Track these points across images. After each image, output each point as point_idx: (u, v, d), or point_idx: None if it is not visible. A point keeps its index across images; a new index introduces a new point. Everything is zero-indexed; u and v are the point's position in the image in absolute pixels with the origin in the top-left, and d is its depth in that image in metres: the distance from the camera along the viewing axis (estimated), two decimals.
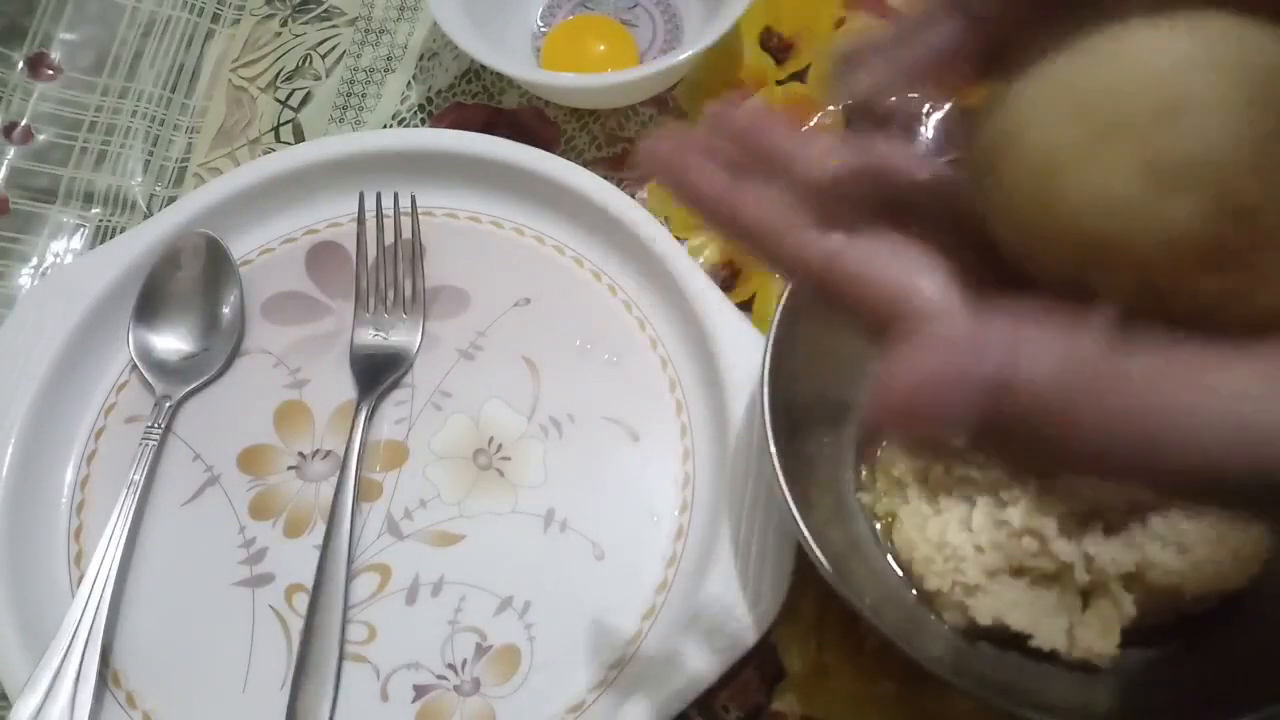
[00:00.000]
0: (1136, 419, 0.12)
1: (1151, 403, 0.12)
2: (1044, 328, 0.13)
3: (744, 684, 0.36)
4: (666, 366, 0.40)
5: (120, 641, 0.37)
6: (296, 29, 0.50)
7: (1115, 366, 0.12)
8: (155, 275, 0.42)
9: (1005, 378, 0.12)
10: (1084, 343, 0.12)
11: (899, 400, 0.13)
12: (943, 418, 0.13)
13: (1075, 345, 0.12)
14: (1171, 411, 0.12)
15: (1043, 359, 0.12)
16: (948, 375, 0.12)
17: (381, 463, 0.39)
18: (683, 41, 0.47)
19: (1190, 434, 0.12)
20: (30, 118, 0.47)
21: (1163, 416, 0.12)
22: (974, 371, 0.12)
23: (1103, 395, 0.12)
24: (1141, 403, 0.12)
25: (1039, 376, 0.12)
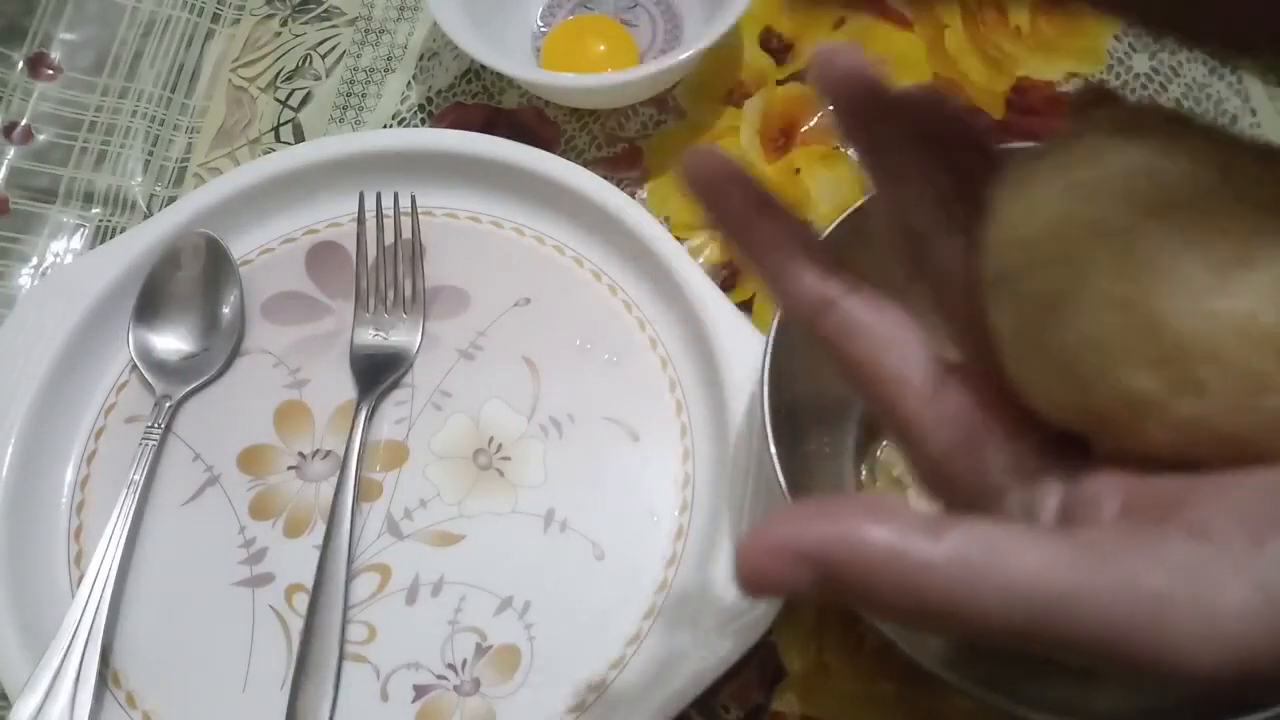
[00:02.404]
0: (941, 590, 0.14)
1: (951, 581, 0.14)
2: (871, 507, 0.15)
3: (744, 684, 0.36)
4: (666, 366, 0.40)
5: (120, 641, 0.37)
6: (296, 29, 0.50)
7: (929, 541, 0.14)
8: (155, 275, 0.42)
9: (829, 556, 0.15)
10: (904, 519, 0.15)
11: (747, 568, 0.15)
12: (782, 584, 0.15)
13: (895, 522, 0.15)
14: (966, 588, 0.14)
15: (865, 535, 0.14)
16: (784, 553, 0.15)
17: (381, 463, 0.39)
18: (683, 41, 0.47)
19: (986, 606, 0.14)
20: (30, 118, 0.47)
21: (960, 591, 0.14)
22: (806, 550, 0.15)
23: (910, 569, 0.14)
24: (941, 580, 0.14)
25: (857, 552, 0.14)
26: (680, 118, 0.46)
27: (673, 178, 0.45)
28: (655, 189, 0.45)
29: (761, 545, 0.15)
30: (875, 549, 0.14)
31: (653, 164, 0.45)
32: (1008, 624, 0.14)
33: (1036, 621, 0.14)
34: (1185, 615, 0.14)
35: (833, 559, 0.15)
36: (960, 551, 0.14)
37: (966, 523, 0.15)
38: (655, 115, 0.46)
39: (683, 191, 0.19)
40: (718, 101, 0.47)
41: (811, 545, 0.15)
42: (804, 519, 0.15)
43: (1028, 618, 0.14)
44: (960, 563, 0.14)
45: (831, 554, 0.15)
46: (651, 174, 0.45)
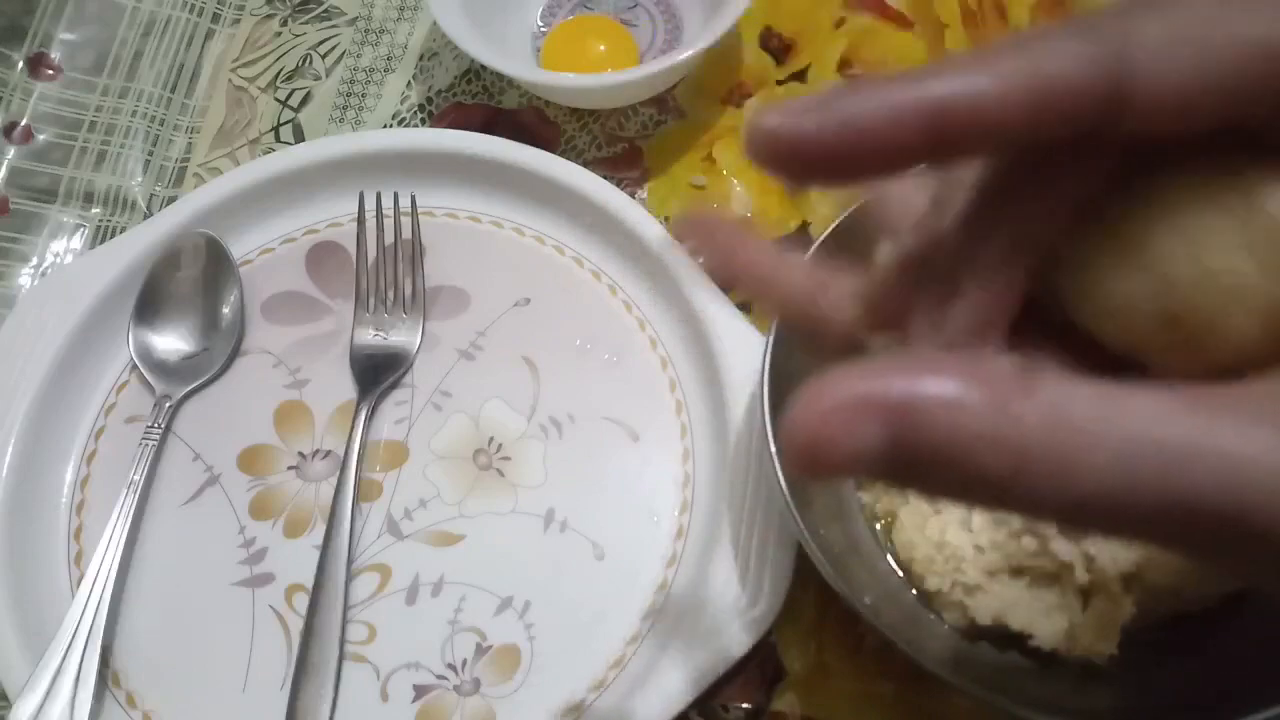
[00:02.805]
0: (1043, 442, 0.12)
1: (1061, 425, 0.12)
2: (949, 361, 0.13)
3: (744, 684, 0.36)
4: (666, 366, 0.40)
5: (120, 641, 0.37)
6: (296, 29, 0.50)
7: (1021, 394, 0.12)
8: (155, 275, 0.42)
9: (907, 405, 0.12)
10: (990, 372, 0.12)
11: (803, 437, 0.13)
12: (848, 451, 0.12)
13: (980, 374, 0.12)
14: (1082, 433, 0.12)
15: (946, 387, 0.12)
16: (850, 406, 0.12)
17: (381, 463, 0.39)
18: (683, 41, 0.47)
19: (1101, 459, 0.12)
20: (30, 118, 0.47)
21: (1072, 439, 0.12)
22: (876, 400, 0.12)
23: (1006, 422, 0.12)
24: (1049, 425, 0.12)
25: (941, 403, 0.12)
26: (680, 118, 0.46)
27: (673, 178, 0.45)
28: (655, 189, 0.45)
29: (822, 401, 0.12)
30: (965, 401, 0.12)
31: (653, 164, 0.45)
32: (1123, 484, 0.12)
33: (1157, 480, 0.12)
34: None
35: (914, 414, 0.12)
36: (1062, 402, 0.12)
37: (1061, 375, 0.13)
38: (655, 115, 0.46)
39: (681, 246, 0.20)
40: (718, 102, 0.47)
41: (890, 399, 0.12)
42: (874, 372, 0.12)
43: (1146, 474, 0.12)
44: (1065, 414, 0.12)
45: (912, 408, 0.12)
46: (651, 174, 0.45)
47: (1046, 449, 0.12)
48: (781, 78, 0.47)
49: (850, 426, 0.12)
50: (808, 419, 0.12)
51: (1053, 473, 0.12)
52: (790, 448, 0.13)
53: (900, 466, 0.13)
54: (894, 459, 0.12)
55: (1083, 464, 0.12)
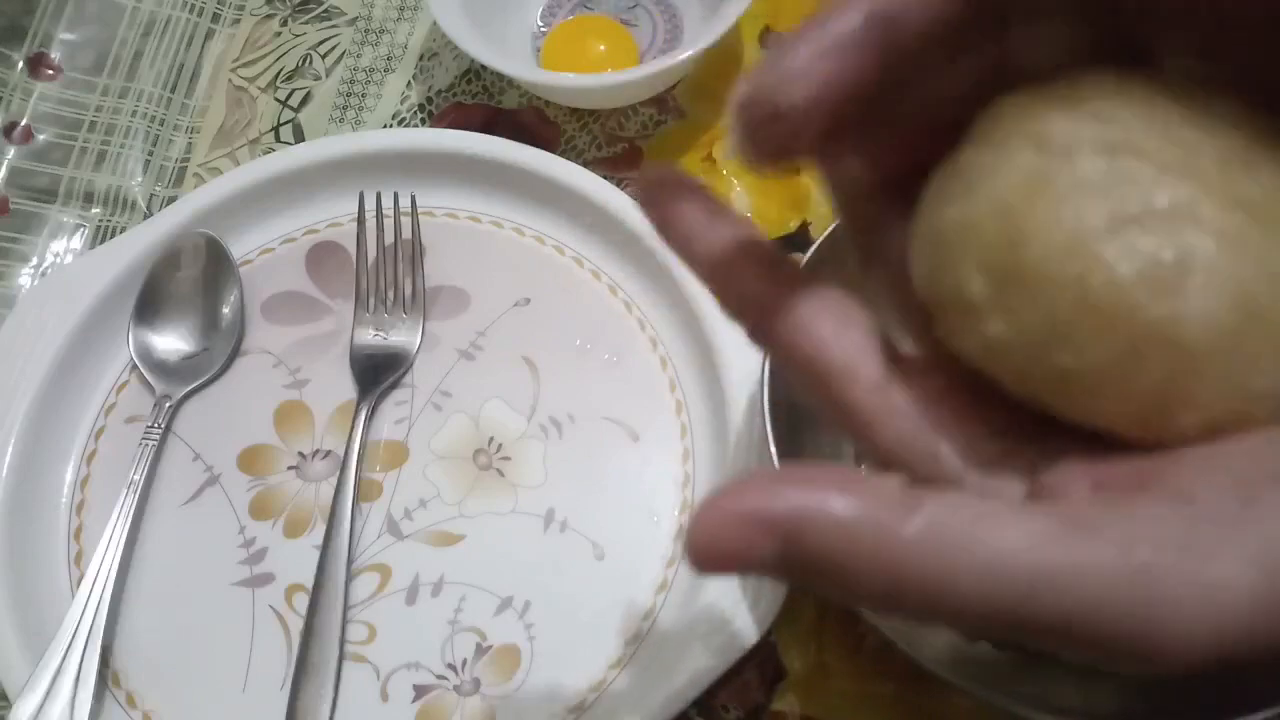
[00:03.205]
0: (917, 564, 0.13)
1: (928, 553, 0.13)
2: (839, 478, 0.14)
3: (744, 684, 0.36)
4: (666, 366, 0.40)
5: (120, 641, 0.37)
6: (296, 29, 0.50)
7: (902, 514, 0.13)
8: (155, 275, 0.42)
9: (795, 523, 0.13)
10: (875, 492, 0.13)
11: (702, 541, 0.14)
12: (741, 559, 0.13)
13: (866, 493, 0.13)
14: (947, 561, 0.13)
15: (833, 505, 0.13)
16: (744, 520, 0.13)
17: (381, 463, 0.39)
18: (683, 41, 0.47)
19: (963, 583, 0.13)
20: (30, 118, 0.47)
21: (938, 566, 0.13)
22: (766, 517, 0.13)
23: (884, 543, 0.13)
24: (919, 551, 0.13)
25: (826, 522, 0.13)
26: (680, 118, 0.46)
27: None
28: None
29: (720, 513, 0.13)
30: (847, 519, 0.13)
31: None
32: (988, 606, 0.13)
33: (1019, 603, 0.13)
34: (1176, 590, 0.12)
35: (800, 529, 0.13)
36: (937, 524, 0.13)
37: (942, 495, 0.14)
38: (655, 115, 0.46)
39: (640, 207, 0.18)
40: (718, 101, 0.47)
41: (777, 514, 0.13)
42: (768, 486, 0.13)
43: (1010, 599, 0.13)
44: (937, 537, 0.13)
45: (799, 524, 0.13)
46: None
47: (919, 569, 0.13)
48: None
49: (743, 539, 0.13)
50: (707, 527, 0.13)
51: (927, 592, 0.13)
52: (690, 550, 0.14)
53: (789, 575, 0.14)
54: (782, 569, 0.13)
55: (951, 585, 0.13)
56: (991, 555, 0.13)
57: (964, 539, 0.13)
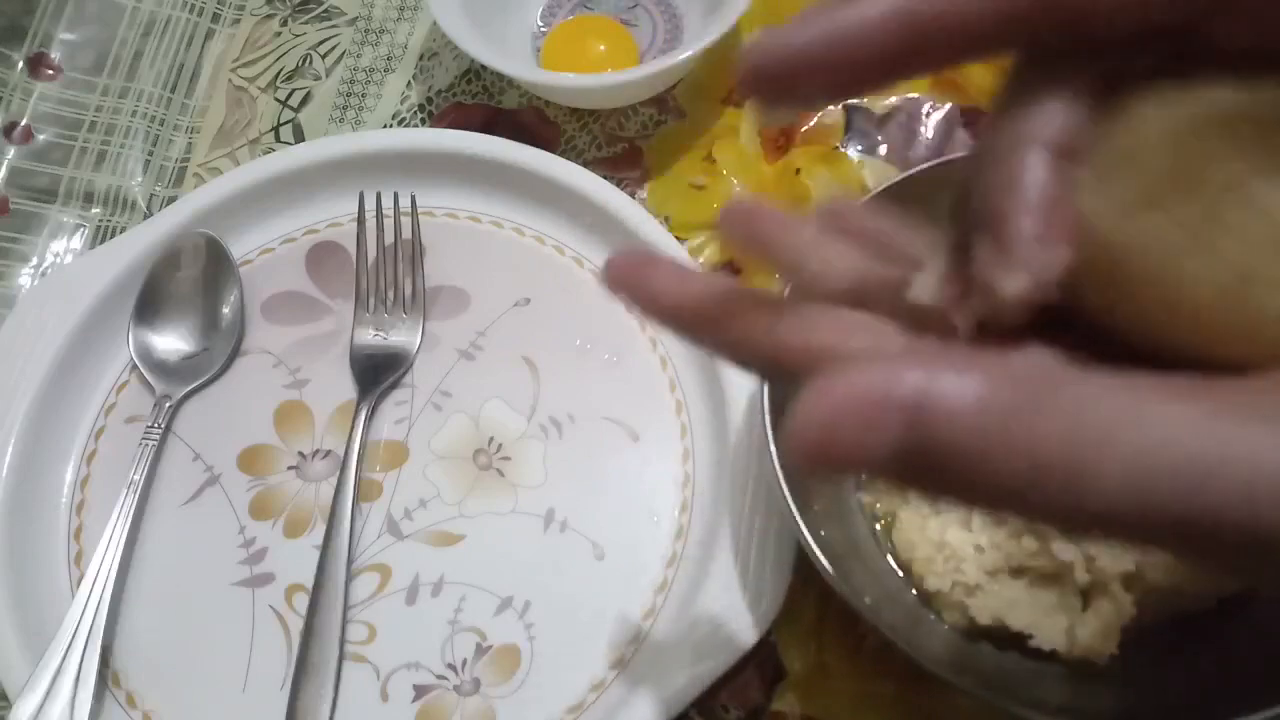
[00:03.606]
0: (1060, 450, 0.11)
1: (1080, 433, 0.11)
2: (968, 357, 0.12)
3: (744, 684, 0.36)
4: (666, 366, 0.40)
5: (120, 641, 0.37)
6: (296, 29, 0.50)
7: (1045, 392, 0.12)
8: (155, 275, 0.42)
9: (923, 405, 0.12)
10: (1011, 371, 0.12)
11: (813, 433, 0.12)
12: (859, 449, 0.12)
13: (1002, 370, 0.12)
14: (1100, 443, 0.11)
15: (965, 383, 0.12)
16: (863, 403, 0.12)
17: (381, 463, 0.39)
18: (683, 41, 0.47)
19: (1119, 470, 0.11)
20: (30, 118, 0.47)
21: (1089, 448, 0.11)
22: (892, 396, 0.12)
23: (1027, 423, 0.12)
24: (1068, 432, 0.11)
25: (958, 405, 0.12)
26: (680, 118, 0.46)
27: (673, 178, 0.45)
28: (655, 189, 0.45)
29: (835, 394, 0.12)
30: (982, 401, 0.11)
31: (653, 164, 0.45)
32: (1144, 500, 0.11)
33: (1183, 497, 0.11)
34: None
35: (931, 413, 0.12)
36: (1082, 407, 0.11)
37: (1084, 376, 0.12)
38: (655, 115, 0.46)
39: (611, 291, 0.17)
40: (718, 101, 0.47)
41: (904, 394, 0.12)
42: (884, 366, 0.12)
43: (1170, 491, 0.11)
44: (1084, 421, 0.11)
45: (930, 406, 0.11)
46: (651, 174, 0.45)
47: (1064, 458, 0.11)
48: None
49: (863, 424, 0.12)
50: (818, 413, 0.12)
51: (1069, 483, 0.11)
52: (798, 442, 0.12)
53: (912, 467, 0.12)
54: (906, 460, 0.12)
55: (1099, 475, 0.11)
56: (1150, 441, 0.11)
57: (1115, 421, 0.11)
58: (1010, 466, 0.12)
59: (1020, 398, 0.12)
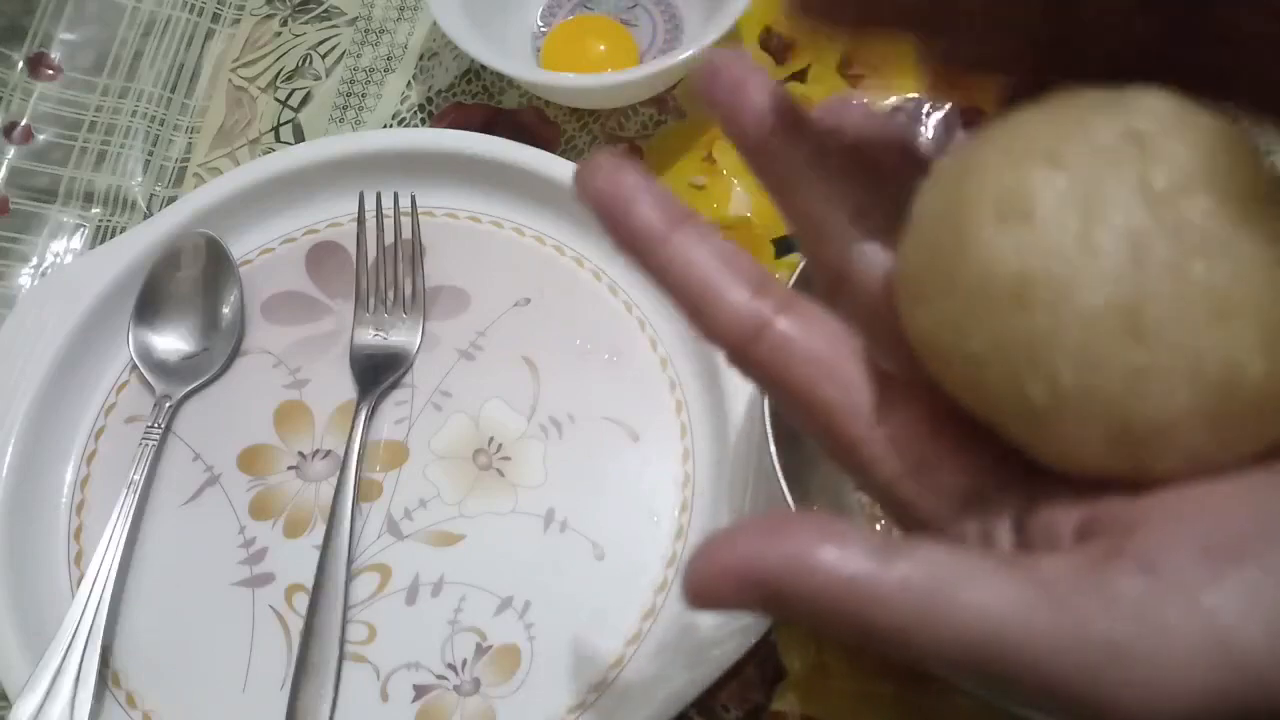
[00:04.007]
0: (886, 618, 0.14)
1: (901, 608, 0.14)
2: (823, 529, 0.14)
3: (744, 684, 0.36)
4: (666, 366, 0.40)
5: (120, 641, 0.37)
6: (296, 29, 0.50)
7: (880, 566, 0.14)
8: (155, 275, 0.42)
9: (778, 576, 0.14)
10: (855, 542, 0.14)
11: (696, 587, 0.15)
12: (731, 604, 0.15)
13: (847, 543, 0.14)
14: (914, 623, 0.14)
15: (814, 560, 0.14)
16: (733, 573, 0.14)
17: (381, 463, 0.39)
18: (683, 41, 0.47)
19: (930, 641, 0.14)
20: (30, 118, 0.47)
21: (907, 625, 0.14)
22: (752, 569, 0.14)
23: (858, 599, 0.14)
24: (892, 606, 0.14)
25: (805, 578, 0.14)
26: (680, 118, 0.46)
27: (673, 178, 0.45)
28: None
29: (711, 564, 0.15)
30: (823, 575, 0.14)
31: (653, 164, 0.45)
32: (955, 660, 0.14)
33: (984, 662, 0.14)
34: (1132, 665, 0.13)
35: (780, 583, 0.14)
36: (909, 582, 0.14)
37: (919, 549, 0.14)
38: (655, 115, 0.46)
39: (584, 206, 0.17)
40: None
41: (759, 568, 0.14)
42: (753, 537, 0.14)
43: (976, 658, 0.14)
44: (909, 593, 0.14)
45: (779, 578, 0.14)
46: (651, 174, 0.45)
47: (893, 618, 0.14)
48: (782, 78, 0.47)
49: (732, 589, 0.14)
50: (700, 576, 0.15)
51: (896, 638, 0.14)
52: (686, 593, 0.15)
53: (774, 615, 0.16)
54: (768, 612, 0.15)
55: (922, 635, 0.14)
56: (961, 616, 0.14)
57: (936, 597, 0.14)
58: (849, 629, 0.14)
59: (861, 570, 0.14)
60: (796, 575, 0.14)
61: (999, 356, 0.15)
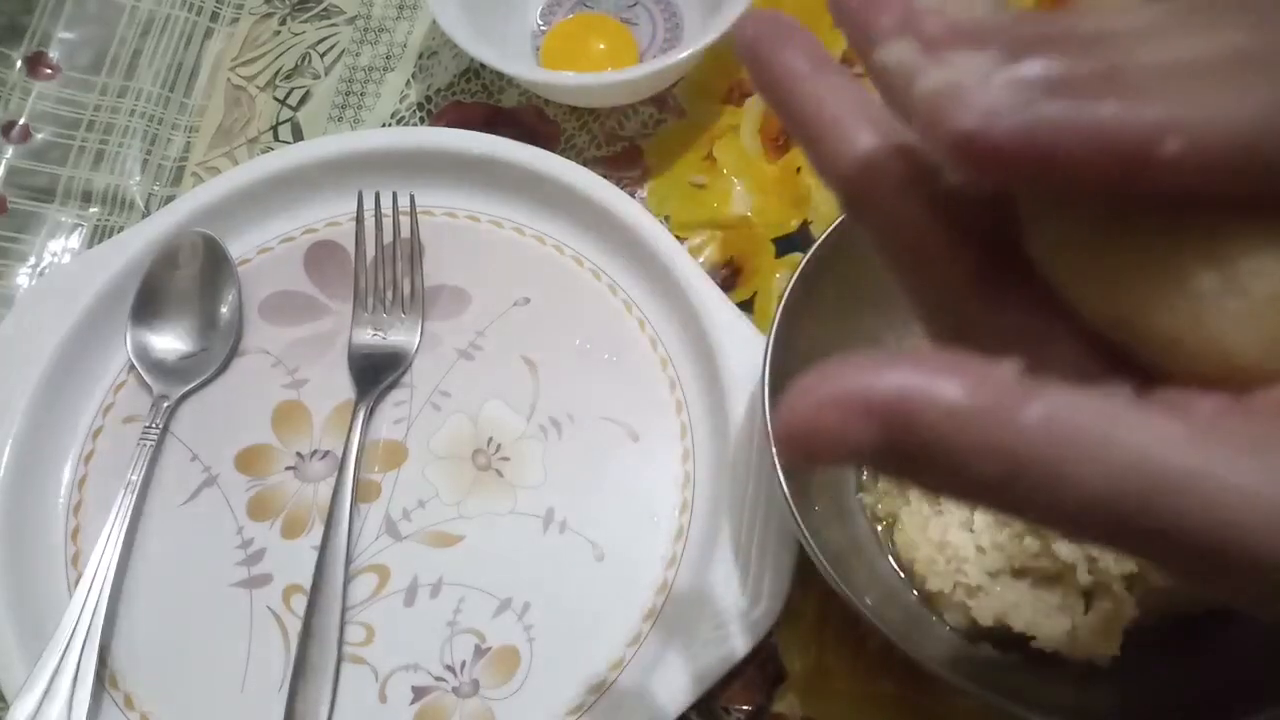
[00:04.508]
0: (1039, 452, 0.12)
1: (1060, 437, 0.12)
2: (950, 362, 0.13)
3: (745, 685, 0.36)
4: (666, 366, 0.40)
5: (118, 642, 0.37)
6: (295, 27, 0.50)
7: (1020, 402, 0.12)
8: (153, 275, 0.41)
9: (903, 405, 0.12)
10: (990, 377, 0.12)
11: (799, 426, 0.13)
12: (841, 444, 0.12)
13: (980, 378, 0.12)
14: (1079, 448, 0.12)
15: (944, 390, 0.12)
16: (846, 400, 0.12)
17: (380, 463, 0.39)
18: (683, 40, 0.47)
19: (1098, 476, 0.12)
20: (28, 117, 0.47)
21: (1068, 452, 0.12)
22: (873, 397, 0.12)
23: (1008, 424, 0.12)
24: (1048, 435, 0.12)
25: (938, 407, 0.12)
26: (680, 117, 0.46)
27: (673, 177, 0.45)
28: (655, 188, 0.45)
29: (817, 395, 0.12)
30: (960, 402, 0.12)
31: (653, 163, 0.45)
32: (1113, 501, 0.12)
33: (1146, 502, 0.12)
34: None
35: (906, 411, 0.12)
36: (1060, 413, 0.12)
37: (1055, 387, 0.12)
38: (655, 114, 0.46)
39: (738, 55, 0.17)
40: (718, 100, 0.46)
41: (882, 396, 0.12)
42: (869, 366, 0.12)
43: (1139, 495, 0.12)
44: (1060, 427, 0.12)
45: (905, 405, 0.12)
46: (651, 173, 0.45)
47: (1041, 461, 0.12)
48: None
49: (845, 421, 0.12)
50: (803, 409, 0.12)
51: (1045, 485, 0.12)
52: (784, 436, 0.13)
53: (892, 462, 0.13)
54: (887, 455, 0.12)
55: (1076, 480, 0.12)
56: (1122, 451, 0.12)
57: (1090, 431, 0.12)
58: (987, 469, 0.12)
59: (1002, 399, 0.12)
60: (926, 403, 0.12)
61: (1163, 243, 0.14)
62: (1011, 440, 0.12)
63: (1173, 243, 0.14)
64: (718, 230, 0.43)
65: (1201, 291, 0.14)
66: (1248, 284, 0.13)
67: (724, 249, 0.43)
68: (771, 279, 0.42)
